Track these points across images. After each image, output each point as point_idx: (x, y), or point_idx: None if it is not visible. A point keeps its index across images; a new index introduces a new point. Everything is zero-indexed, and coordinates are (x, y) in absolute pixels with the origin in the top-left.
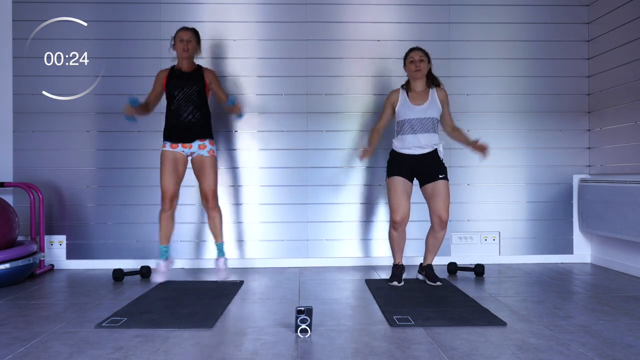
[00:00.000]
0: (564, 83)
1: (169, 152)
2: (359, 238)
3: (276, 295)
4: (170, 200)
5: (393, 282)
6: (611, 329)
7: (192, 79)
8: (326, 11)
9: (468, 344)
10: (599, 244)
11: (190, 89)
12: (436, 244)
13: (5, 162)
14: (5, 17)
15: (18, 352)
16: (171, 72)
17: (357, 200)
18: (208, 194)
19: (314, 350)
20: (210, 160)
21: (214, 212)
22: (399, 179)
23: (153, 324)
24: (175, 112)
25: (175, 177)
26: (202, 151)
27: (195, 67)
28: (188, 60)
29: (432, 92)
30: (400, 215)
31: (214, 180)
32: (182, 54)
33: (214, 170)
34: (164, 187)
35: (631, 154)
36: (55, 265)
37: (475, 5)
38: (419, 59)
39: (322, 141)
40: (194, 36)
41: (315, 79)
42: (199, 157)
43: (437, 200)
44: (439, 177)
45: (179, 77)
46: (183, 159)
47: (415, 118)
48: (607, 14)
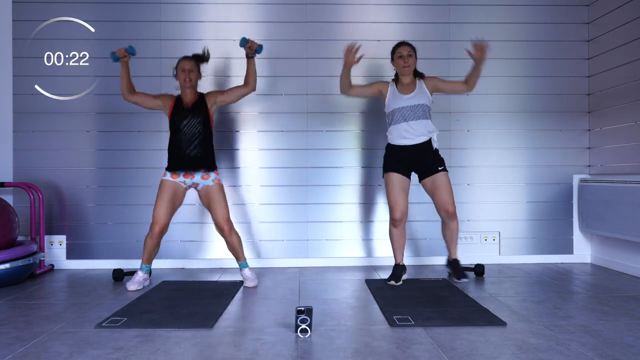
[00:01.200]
0: (564, 83)
1: (168, 182)
2: (359, 238)
3: (276, 295)
4: (160, 230)
5: (391, 281)
6: (611, 329)
7: (196, 110)
8: (326, 11)
9: (468, 344)
10: (599, 244)
11: (195, 121)
12: (453, 234)
13: (5, 162)
14: (5, 17)
15: (18, 352)
16: (177, 102)
17: (357, 200)
18: (222, 224)
19: (314, 350)
20: (218, 188)
21: (231, 238)
22: (396, 176)
23: (153, 324)
24: (180, 145)
25: (170, 207)
26: (206, 181)
27: (198, 97)
28: (191, 89)
29: (420, 83)
30: (399, 212)
31: (225, 210)
32: (185, 84)
33: (222, 198)
34: (156, 216)
35: (631, 154)
36: (55, 265)
37: (475, 5)
38: (407, 54)
39: (322, 141)
40: (195, 65)
41: (315, 79)
42: (205, 188)
43: (440, 193)
44: (438, 169)
45: (184, 110)
46: (182, 190)
47: (406, 106)
48: (607, 14)
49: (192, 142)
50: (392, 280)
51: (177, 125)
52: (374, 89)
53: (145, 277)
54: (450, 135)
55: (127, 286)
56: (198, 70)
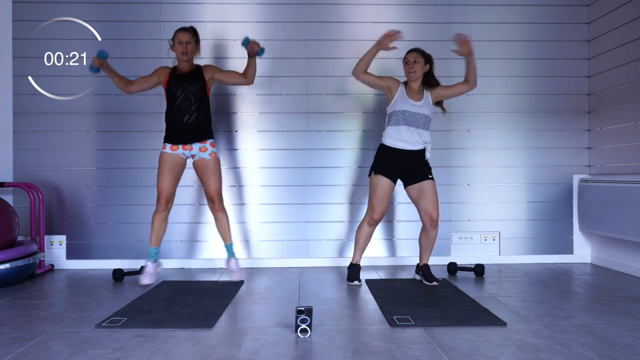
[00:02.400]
0: (564, 83)
1: (168, 154)
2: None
3: (276, 295)
4: (166, 201)
5: (354, 282)
6: (611, 329)
7: (193, 78)
8: (326, 11)
9: (468, 344)
10: (599, 244)
11: (192, 88)
12: (430, 242)
13: (5, 162)
14: (5, 17)
15: (18, 352)
16: (172, 72)
17: (357, 200)
18: (214, 196)
19: (314, 350)
20: (213, 162)
21: (220, 214)
22: (385, 180)
23: (153, 324)
24: (177, 112)
25: (172, 179)
26: (203, 154)
27: (195, 67)
28: (187, 62)
29: (427, 94)
30: (379, 213)
31: (218, 182)
32: (182, 56)
33: (217, 172)
34: (160, 188)
35: (631, 154)
36: (55, 265)
37: (475, 5)
38: (413, 60)
39: (322, 141)
40: (193, 37)
41: (315, 79)
42: (201, 161)
43: (426, 200)
44: (427, 177)
45: (180, 77)
46: (182, 161)
47: (411, 111)
48: (607, 14)
49: (189, 109)
50: (355, 281)
51: (173, 93)
52: (384, 82)
53: (154, 267)
54: (450, 135)
55: (139, 281)
56: (196, 42)
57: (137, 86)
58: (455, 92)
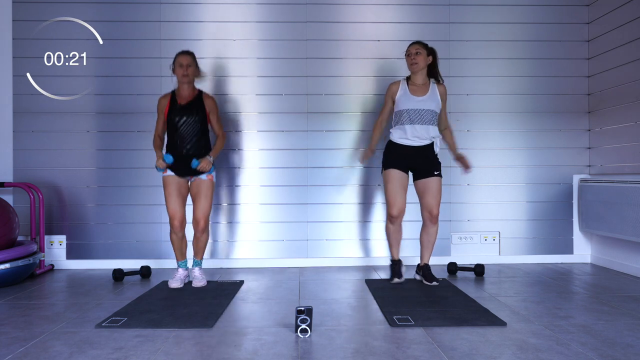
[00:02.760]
0: (564, 83)
1: (170, 177)
2: (359, 238)
3: (276, 295)
4: (180, 223)
5: (394, 279)
6: (611, 329)
7: (194, 108)
8: (326, 11)
9: (468, 344)
10: (599, 244)
11: (192, 120)
12: (430, 240)
13: (5, 162)
14: (5, 17)
15: (18, 352)
16: (172, 100)
17: (357, 200)
18: (200, 219)
19: (314, 350)
20: (208, 184)
21: (202, 235)
22: (396, 172)
23: (153, 324)
24: (177, 143)
25: (180, 200)
26: (201, 175)
27: (196, 93)
28: (188, 85)
29: (433, 86)
30: (397, 208)
31: (208, 206)
32: (182, 79)
33: (209, 195)
34: (172, 211)
35: (631, 154)
36: (55, 265)
37: (475, 5)
38: (415, 51)
39: (322, 141)
40: (193, 60)
41: (315, 79)
42: (197, 181)
43: (429, 195)
44: (434, 173)
45: (180, 107)
46: (184, 181)
47: (414, 109)
48: (607, 14)
49: (190, 140)
50: (395, 278)
51: (174, 124)
52: (388, 106)
53: (185, 274)
54: None
55: (169, 284)
56: (196, 65)
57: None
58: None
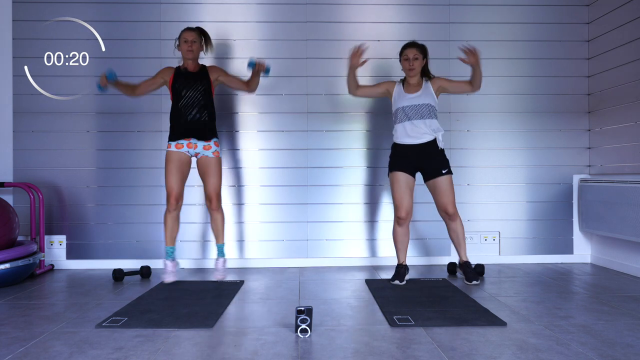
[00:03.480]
0: (564, 83)
1: (173, 153)
2: (359, 238)
3: (276, 295)
4: (176, 200)
5: (395, 280)
6: (611, 329)
7: (199, 78)
8: (326, 11)
9: (468, 344)
10: (599, 244)
11: (197, 88)
12: (458, 235)
13: (5, 162)
14: (5, 17)
15: (18, 352)
16: (177, 71)
17: (357, 200)
18: (212, 195)
19: (314, 350)
20: (215, 161)
21: (216, 214)
22: (401, 175)
23: (153, 324)
24: (182, 110)
25: (180, 177)
26: (207, 152)
27: (200, 66)
28: (193, 60)
29: (426, 84)
30: (404, 210)
31: (218, 182)
32: (187, 54)
33: (218, 171)
34: (169, 187)
35: (631, 154)
36: (55, 265)
37: (475, 5)
38: (413, 57)
39: (322, 141)
40: (199, 36)
41: (315, 79)
42: (203, 158)
43: (441, 196)
44: (442, 172)
45: (185, 76)
46: (187, 159)
47: (409, 105)
48: (607, 14)
49: (194, 107)
50: (396, 280)
51: (178, 91)
52: (381, 88)
53: (174, 265)
54: (450, 135)
55: (164, 280)
56: (200, 42)
57: (143, 88)
58: (457, 88)
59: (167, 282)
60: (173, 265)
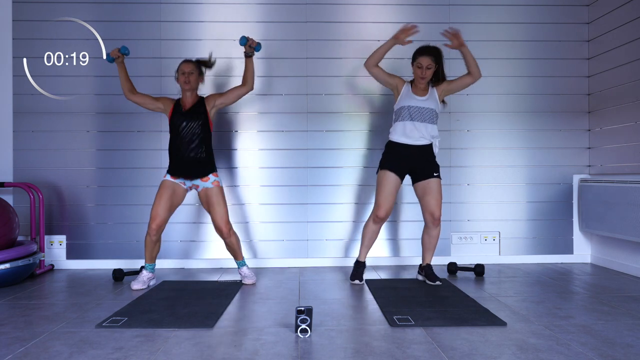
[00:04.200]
0: (564, 83)
1: (168, 182)
2: (359, 238)
3: (276, 295)
4: (157, 227)
5: (355, 280)
6: (611, 329)
7: (195, 113)
8: (326, 11)
9: (468, 344)
10: (599, 244)
11: (194, 125)
12: (432, 242)
13: (5, 162)
14: (5, 17)
15: (18, 352)
16: (176, 106)
17: (357, 200)
18: (221, 225)
19: (314, 350)
20: (217, 190)
21: (230, 239)
22: (391, 175)
23: (153, 324)
24: (180, 147)
25: (168, 205)
26: (205, 183)
27: (198, 99)
28: (191, 92)
29: (432, 90)
30: (384, 210)
31: (224, 211)
32: (185, 86)
33: (222, 200)
34: (155, 212)
35: (631, 154)
36: (55, 265)
37: (475, 5)
38: (427, 66)
39: (322, 141)
40: (196, 68)
41: (315, 79)
42: (204, 191)
43: (430, 198)
44: (433, 175)
45: (183, 113)
46: (181, 191)
47: (415, 106)
48: (607, 14)
49: (191, 144)
50: (356, 280)
51: (176, 128)
52: (393, 80)
53: (149, 277)
54: (450, 135)
55: (131, 285)
56: (199, 73)
57: (139, 99)
58: (460, 84)
59: (133, 288)
60: (149, 276)
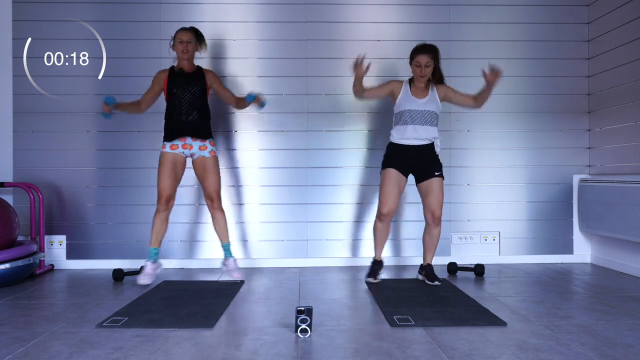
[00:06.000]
0: (564, 83)
1: (168, 154)
2: (359, 238)
3: (276, 295)
4: (167, 201)
5: (369, 278)
6: (611, 329)
7: (194, 79)
8: (326, 11)
9: (468, 344)
10: (599, 244)
11: (192, 89)
12: (433, 241)
13: (5, 162)
14: (5, 17)
15: (18, 352)
16: (171, 72)
17: (357, 200)
18: (213, 194)
19: (314, 350)
20: (212, 160)
21: (218, 213)
22: (394, 172)
23: (153, 324)
24: (176, 111)
25: (173, 179)
26: (203, 152)
27: (196, 68)
28: (188, 61)
29: (432, 90)
30: (387, 207)
31: (217, 181)
32: (182, 54)
33: (216, 170)
34: (161, 188)
35: (631, 154)
36: (55, 265)
37: (475, 5)
38: (425, 64)
39: (322, 141)
40: (194, 36)
41: (315, 79)
42: (200, 159)
43: (431, 197)
44: (435, 174)
45: (180, 77)
46: (182, 160)
47: (416, 110)
48: (607, 14)
49: (189, 108)
50: (370, 278)
51: (173, 92)
52: (386, 90)
53: (154, 267)
54: (450, 135)
55: (138, 281)
56: (197, 42)
57: (146, 102)
58: (461, 101)
59: (140, 284)
60: (153, 267)
